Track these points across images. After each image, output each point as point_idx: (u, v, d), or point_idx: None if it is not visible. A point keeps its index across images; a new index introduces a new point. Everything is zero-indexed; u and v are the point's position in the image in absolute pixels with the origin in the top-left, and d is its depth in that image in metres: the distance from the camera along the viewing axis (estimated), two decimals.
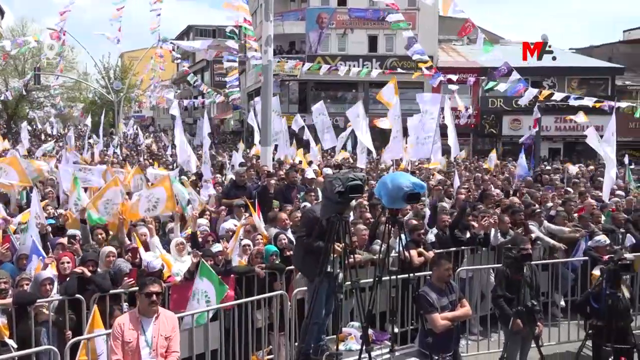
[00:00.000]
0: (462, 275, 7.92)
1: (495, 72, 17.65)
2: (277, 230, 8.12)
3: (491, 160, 19.68)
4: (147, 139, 35.04)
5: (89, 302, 6.12)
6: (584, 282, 8.17)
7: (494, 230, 8.53)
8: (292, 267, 6.96)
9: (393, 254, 6.12)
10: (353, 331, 6.06)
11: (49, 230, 7.78)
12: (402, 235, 5.29)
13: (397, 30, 23.80)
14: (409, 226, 7.86)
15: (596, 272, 7.28)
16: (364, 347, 5.22)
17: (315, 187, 10.91)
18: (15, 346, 5.61)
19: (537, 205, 10.20)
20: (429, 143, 12.36)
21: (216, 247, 7.21)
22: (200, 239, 7.83)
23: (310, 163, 16.50)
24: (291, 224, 8.37)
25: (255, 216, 8.43)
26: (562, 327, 8.22)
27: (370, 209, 9.12)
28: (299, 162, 16.15)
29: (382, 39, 36.94)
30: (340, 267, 5.62)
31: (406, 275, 5.58)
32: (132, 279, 6.41)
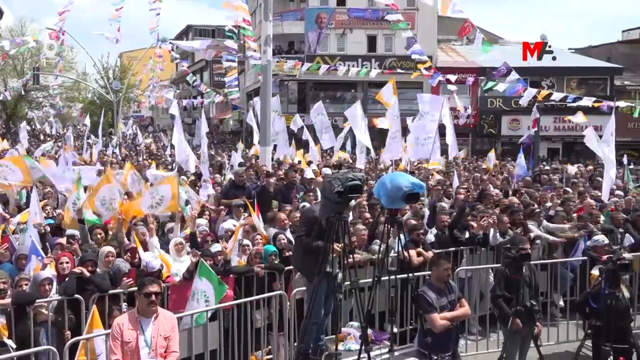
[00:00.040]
0: (461, 275, 7.93)
1: (494, 72, 17.67)
2: (276, 230, 8.12)
3: (490, 160, 19.69)
4: (146, 139, 35.02)
5: (88, 302, 6.11)
6: (583, 282, 8.15)
7: (493, 230, 8.54)
8: (291, 267, 6.95)
9: (392, 254, 6.11)
10: (352, 331, 6.05)
11: (47, 230, 7.78)
12: (401, 235, 5.29)
13: (396, 30, 23.84)
14: (408, 226, 7.86)
15: (595, 272, 7.28)
16: (363, 347, 5.20)
17: (315, 187, 10.91)
18: (14, 346, 5.61)
19: (536, 205, 10.21)
20: (428, 144, 12.33)
21: (215, 247, 7.21)
22: (199, 239, 7.83)
23: (309, 163, 16.50)
24: (290, 224, 8.36)
25: (254, 216, 8.41)
26: (561, 327, 8.23)
27: (369, 209, 9.12)
28: (298, 162, 16.16)
29: (381, 39, 36.93)
30: (340, 267, 5.62)
31: (405, 275, 5.57)
32: (131, 279, 6.40)
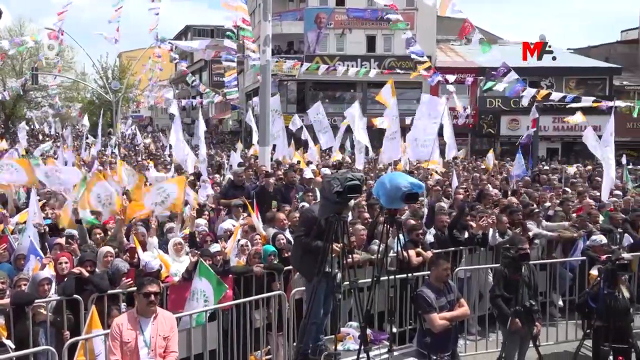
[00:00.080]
0: (460, 275, 7.92)
1: (493, 72, 17.66)
2: (276, 230, 8.11)
3: (489, 160, 19.69)
4: (145, 139, 35.02)
5: (87, 302, 6.11)
6: (582, 282, 8.15)
7: (492, 230, 8.54)
8: (291, 267, 6.95)
9: (391, 254, 6.10)
10: (351, 331, 6.05)
11: (46, 230, 7.77)
12: (401, 235, 5.28)
13: (396, 31, 23.85)
14: (407, 226, 7.86)
15: (594, 272, 7.29)
16: (362, 347, 5.21)
17: (314, 187, 10.91)
18: (13, 346, 5.60)
19: (535, 205, 10.21)
20: (428, 146, 12.33)
21: (214, 247, 7.20)
22: (198, 239, 7.82)
23: (308, 163, 16.49)
24: (289, 224, 8.36)
25: (253, 216, 8.41)
26: (560, 327, 8.23)
27: (368, 208, 9.12)
28: (297, 162, 16.15)
29: (380, 39, 36.92)
30: (339, 267, 5.61)
31: (404, 275, 5.57)
32: (130, 279, 6.40)
